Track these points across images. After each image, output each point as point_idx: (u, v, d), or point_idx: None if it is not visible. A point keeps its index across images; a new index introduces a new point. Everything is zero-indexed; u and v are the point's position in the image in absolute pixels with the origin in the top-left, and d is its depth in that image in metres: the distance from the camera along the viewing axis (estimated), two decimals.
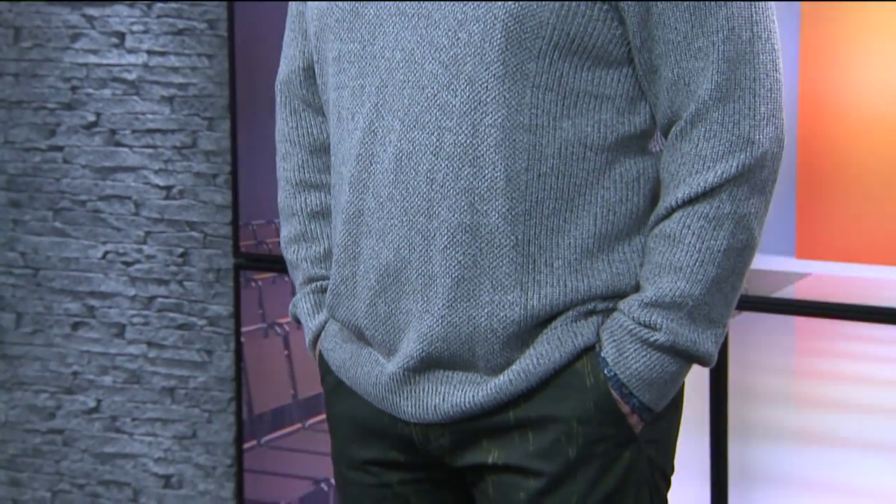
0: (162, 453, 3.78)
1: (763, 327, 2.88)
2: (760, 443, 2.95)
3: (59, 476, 3.91)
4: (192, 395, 3.73)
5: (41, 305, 3.88)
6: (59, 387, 3.89)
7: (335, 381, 1.80)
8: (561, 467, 1.64)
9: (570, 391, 1.63)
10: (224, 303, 3.65)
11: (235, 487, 3.67)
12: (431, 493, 1.76)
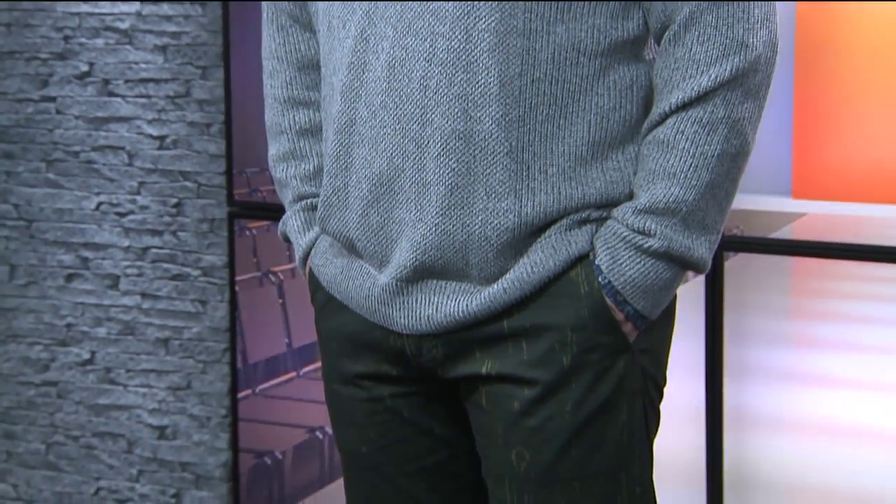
0: (156, 404, 3.78)
1: (759, 269, 2.88)
2: (756, 384, 2.95)
3: (54, 428, 3.90)
4: (187, 346, 3.72)
5: (35, 257, 3.87)
6: (53, 339, 3.88)
7: (326, 296, 1.79)
8: (555, 375, 1.63)
9: (565, 299, 1.63)
10: (218, 253, 3.64)
11: (230, 437, 3.66)
12: (424, 406, 1.75)
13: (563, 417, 1.64)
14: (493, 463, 1.69)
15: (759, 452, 2.95)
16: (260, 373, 3.55)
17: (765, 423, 2.95)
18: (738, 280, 2.93)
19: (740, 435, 2.96)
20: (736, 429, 2.96)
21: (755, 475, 2.96)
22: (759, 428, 2.95)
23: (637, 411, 1.67)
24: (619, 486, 1.67)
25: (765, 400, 2.94)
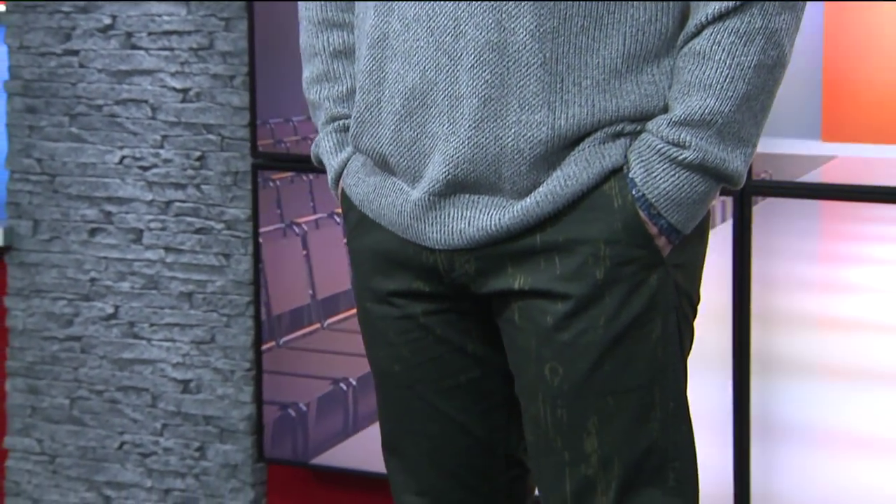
0: (180, 358, 3.78)
1: (787, 213, 2.86)
2: (783, 330, 2.93)
3: (78, 383, 3.90)
4: (210, 300, 3.72)
5: (58, 212, 3.87)
6: (77, 294, 3.88)
7: (358, 215, 1.79)
8: (588, 289, 1.62)
9: (598, 213, 1.62)
10: (242, 206, 3.63)
11: (254, 390, 3.66)
12: (457, 323, 1.75)
13: (596, 331, 1.63)
14: (527, 379, 1.69)
15: (787, 398, 2.94)
16: (284, 325, 3.55)
17: (792, 369, 2.93)
18: (766, 225, 2.91)
19: (767, 381, 2.95)
20: (763, 375, 2.95)
21: (782, 421, 2.94)
22: (786, 373, 2.94)
23: (671, 326, 1.67)
24: (652, 400, 1.67)
25: (793, 345, 2.92)
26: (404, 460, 1.84)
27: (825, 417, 2.90)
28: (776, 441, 2.97)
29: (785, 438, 2.96)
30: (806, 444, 2.94)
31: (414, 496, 1.84)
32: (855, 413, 2.87)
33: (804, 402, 2.92)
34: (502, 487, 1.85)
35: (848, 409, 2.88)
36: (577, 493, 1.69)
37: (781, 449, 2.97)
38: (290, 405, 3.57)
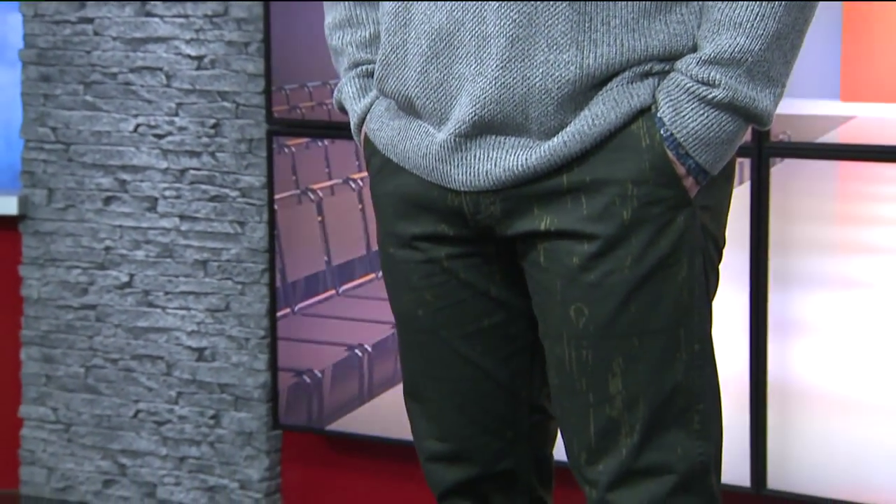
0: (195, 326, 3.78)
1: (806, 174, 2.86)
2: (801, 292, 2.93)
3: (93, 351, 3.91)
4: (225, 268, 3.72)
5: (73, 181, 3.87)
6: (92, 262, 3.88)
7: (382, 160, 1.79)
8: (615, 230, 1.62)
9: (625, 153, 1.62)
10: (257, 174, 3.63)
11: (269, 358, 3.66)
12: (480, 267, 1.75)
13: (622, 272, 1.63)
14: (551, 321, 1.69)
15: (804, 361, 2.93)
16: (299, 291, 3.55)
17: (810, 331, 2.93)
18: (784, 186, 2.91)
19: (785, 344, 2.94)
20: (780, 338, 2.94)
21: (799, 384, 2.94)
22: (804, 336, 2.93)
23: (697, 268, 1.66)
24: (677, 342, 1.67)
25: (811, 307, 2.92)
26: (426, 406, 1.84)
27: (842, 380, 2.90)
28: (793, 404, 2.97)
29: (802, 402, 2.96)
30: (823, 408, 2.93)
31: (436, 442, 1.84)
32: (873, 376, 2.87)
33: (821, 364, 2.92)
34: (524, 433, 1.85)
35: (866, 372, 2.88)
36: (602, 435, 1.69)
37: (798, 412, 2.97)
38: (305, 372, 3.57)
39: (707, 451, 1.71)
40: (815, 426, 2.94)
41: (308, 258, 3.52)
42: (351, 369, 3.51)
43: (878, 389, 2.87)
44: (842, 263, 2.86)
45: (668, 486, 1.68)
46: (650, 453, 1.68)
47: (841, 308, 2.88)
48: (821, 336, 2.92)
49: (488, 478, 1.86)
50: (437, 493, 1.89)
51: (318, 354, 3.55)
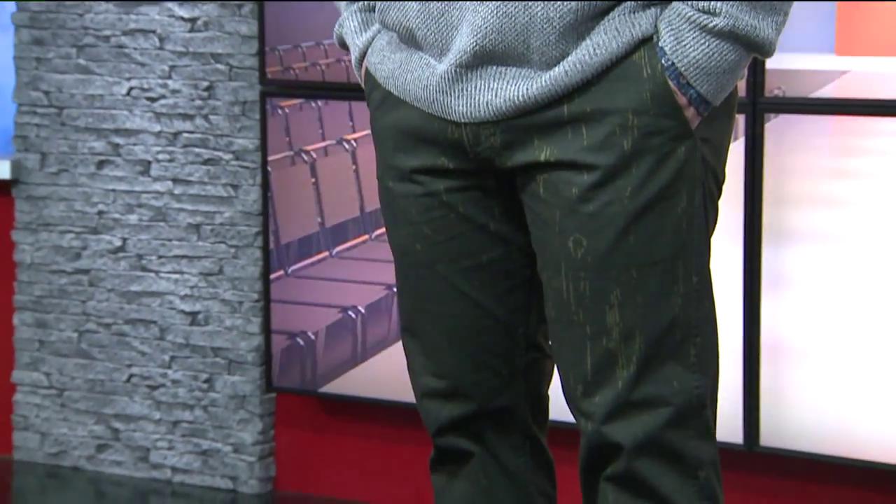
0: (188, 290, 3.78)
1: (800, 129, 2.87)
2: (795, 248, 2.94)
3: (86, 316, 3.91)
4: (219, 231, 3.72)
5: (66, 145, 3.86)
6: (85, 227, 3.88)
7: (382, 94, 1.79)
8: (615, 160, 1.63)
9: (627, 83, 1.62)
10: (250, 136, 3.63)
11: (262, 322, 3.67)
12: (480, 201, 1.75)
13: (621, 203, 1.64)
14: (550, 253, 1.70)
15: (798, 317, 2.94)
16: (292, 253, 3.55)
17: (804, 287, 2.94)
18: (778, 142, 2.92)
19: (778, 300, 2.95)
20: (774, 294, 2.95)
21: (793, 340, 2.95)
22: (798, 292, 2.94)
23: (697, 200, 1.67)
24: (676, 274, 1.67)
25: (805, 263, 2.93)
26: (423, 342, 1.85)
27: (836, 336, 2.91)
28: (786, 361, 2.98)
29: (795, 358, 2.97)
30: (816, 364, 2.95)
31: (433, 378, 1.85)
32: (866, 331, 2.88)
33: (815, 320, 2.93)
34: (521, 370, 1.86)
35: (859, 328, 2.89)
36: (598, 367, 1.69)
37: (791, 368, 2.98)
38: (298, 334, 3.58)
39: (703, 384, 1.72)
40: (809, 382, 2.95)
41: (301, 220, 3.52)
42: (344, 331, 3.51)
43: (871, 345, 2.88)
44: (836, 219, 2.87)
45: (664, 418, 1.69)
46: (646, 386, 1.69)
47: (835, 263, 2.89)
48: (814, 292, 2.93)
49: (483, 415, 1.86)
50: (433, 430, 1.89)
51: (311, 316, 3.56)
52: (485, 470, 1.89)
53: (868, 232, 2.83)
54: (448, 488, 1.92)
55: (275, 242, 3.57)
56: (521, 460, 1.91)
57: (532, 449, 1.92)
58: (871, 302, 2.87)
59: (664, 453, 1.70)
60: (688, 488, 1.72)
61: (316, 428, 3.72)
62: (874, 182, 2.81)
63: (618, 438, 1.70)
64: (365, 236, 3.44)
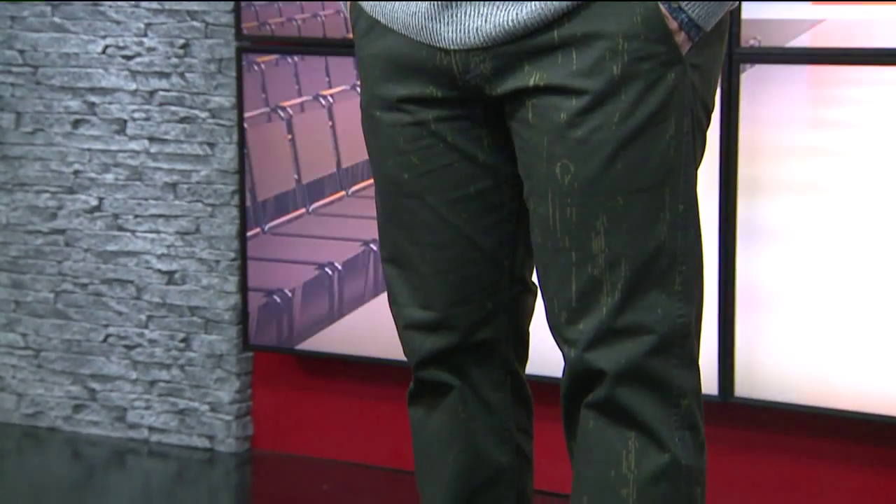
0: (165, 249, 3.78)
1: (776, 80, 2.89)
2: (770, 197, 2.97)
3: (62, 277, 3.90)
4: (195, 190, 3.72)
5: (41, 104, 3.85)
6: (61, 186, 3.87)
7: (368, 22, 1.79)
8: (604, 85, 1.64)
9: (617, 7, 1.63)
10: (226, 94, 3.63)
11: (239, 280, 3.67)
12: (468, 131, 1.76)
13: (610, 128, 1.65)
14: (537, 179, 1.71)
15: (773, 268, 2.97)
16: (269, 210, 3.55)
17: (779, 238, 2.96)
18: (754, 92, 2.94)
19: (754, 251, 2.98)
20: (749, 244, 2.98)
21: (768, 290, 2.98)
22: (773, 243, 2.97)
23: (685, 127, 1.69)
24: (662, 201, 1.69)
25: (780, 214, 2.95)
26: (409, 274, 1.85)
27: (811, 286, 2.94)
28: (761, 310, 3.01)
29: (770, 309, 3.00)
30: (792, 314, 2.97)
31: (418, 310, 1.86)
32: (841, 281, 2.91)
33: (790, 271, 2.96)
34: (505, 304, 1.87)
35: (834, 278, 2.92)
36: (583, 294, 1.70)
37: (767, 319, 3.01)
38: (275, 292, 3.59)
39: (688, 313, 1.73)
40: (784, 333, 2.98)
41: (278, 177, 3.53)
42: (321, 288, 3.52)
43: (846, 295, 2.91)
44: (812, 169, 2.89)
45: (647, 346, 1.70)
46: (630, 313, 1.70)
47: (810, 213, 2.92)
48: (790, 242, 2.95)
49: (466, 348, 1.87)
50: (414, 362, 1.90)
51: (288, 274, 3.57)
52: (464, 403, 1.90)
53: (845, 182, 2.86)
54: (425, 421, 1.93)
55: (251, 200, 3.58)
56: (501, 395, 1.92)
57: (512, 384, 1.93)
58: (847, 252, 2.90)
59: (647, 381, 1.71)
60: (669, 417, 1.73)
61: (293, 386, 3.73)
62: (851, 132, 2.84)
63: (601, 365, 1.71)
64: (342, 192, 3.45)
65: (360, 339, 3.48)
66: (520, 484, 1.96)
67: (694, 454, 1.74)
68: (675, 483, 1.72)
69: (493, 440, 1.92)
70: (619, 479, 1.72)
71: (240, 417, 3.76)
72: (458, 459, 1.91)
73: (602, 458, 1.73)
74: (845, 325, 2.92)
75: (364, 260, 3.43)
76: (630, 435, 1.72)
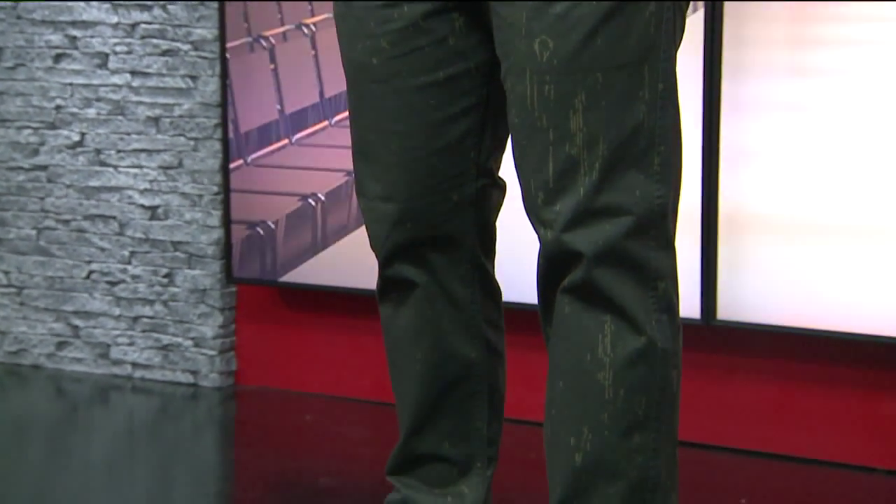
0: (147, 184, 3.77)
1: None
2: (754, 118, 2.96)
3: (44, 213, 3.89)
4: (178, 124, 3.71)
5: (22, 38, 3.83)
6: (43, 122, 3.86)
7: None
8: None
9: None
10: (208, 26, 3.61)
11: (223, 215, 3.66)
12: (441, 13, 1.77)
13: (589, 3, 1.64)
14: (515, 57, 1.70)
15: (756, 189, 2.96)
16: (252, 141, 3.54)
17: (763, 159, 2.96)
18: (737, 12, 2.93)
19: (737, 171, 2.97)
20: (733, 165, 2.97)
21: (750, 213, 2.97)
22: (756, 164, 2.96)
23: (666, 4, 1.67)
24: (641, 79, 1.68)
25: (764, 134, 2.95)
26: (374, 164, 1.85)
27: (794, 207, 2.93)
28: (744, 233, 3.00)
29: (753, 230, 2.99)
30: (774, 236, 2.97)
31: (382, 202, 1.85)
32: (824, 202, 2.91)
33: (774, 191, 2.95)
34: (470, 196, 1.86)
35: (817, 199, 2.91)
36: (560, 174, 1.69)
37: (749, 241, 3.00)
38: (258, 224, 3.58)
39: (665, 194, 1.72)
40: (767, 255, 2.98)
41: (261, 107, 3.51)
42: (305, 219, 3.51)
43: (829, 215, 2.91)
44: (796, 89, 2.89)
45: (625, 228, 1.69)
46: (608, 194, 1.69)
47: (794, 134, 2.91)
48: (774, 163, 2.95)
49: (431, 241, 1.87)
50: (381, 256, 1.90)
51: (271, 205, 3.55)
52: (431, 299, 1.90)
53: (828, 102, 2.86)
54: (394, 318, 1.93)
55: (234, 131, 3.56)
56: (468, 290, 1.92)
57: (480, 278, 1.93)
58: (831, 172, 2.90)
59: (623, 262, 1.70)
60: (646, 299, 1.72)
61: (277, 321, 3.72)
62: (835, 50, 2.83)
63: (578, 246, 1.70)
64: (325, 122, 3.44)
65: (343, 270, 3.47)
66: (491, 378, 1.95)
67: (671, 337, 1.74)
68: (651, 366, 1.71)
69: (462, 335, 1.91)
70: (596, 362, 1.71)
71: (223, 352, 3.75)
72: (427, 356, 1.91)
73: (578, 343, 1.72)
74: (829, 246, 2.91)
75: (347, 190, 3.42)
76: (606, 319, 1.71)
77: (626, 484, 1.71)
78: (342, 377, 3.62)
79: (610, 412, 1.71)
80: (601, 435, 1.71)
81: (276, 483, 2.95)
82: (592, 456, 1.71)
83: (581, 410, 1.72)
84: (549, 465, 1.77)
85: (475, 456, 1.95)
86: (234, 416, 3.69)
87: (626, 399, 1.70)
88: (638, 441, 1.71)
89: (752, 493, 2.90)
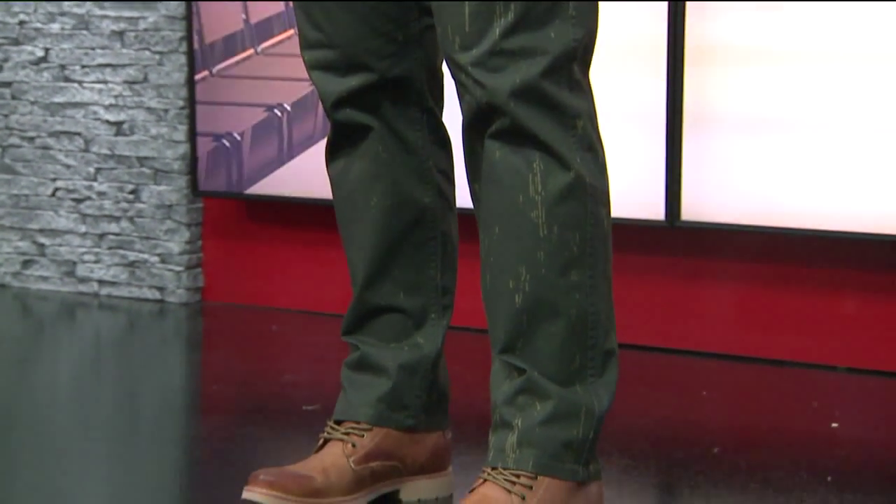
0: (112, 100, 3.75)
1: None
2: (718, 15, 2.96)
3: (9, 130, 3.87)
4: (143, 37, 3.69)
5: None
6: (6, 38, 3.83)
7: None
8: None
9: None
10: None
11: (188, 129, 3.65)
12: None
13: None
14: None
15: (721, 88, 2.97)
16: (217, 52, 3.52)
17: (727, 57, 2.96)
18: None
19: (701, 71, 2.97)
20: (697, 64, 2.97)
21: (714, 111, 2.97)
22: (721, 62, 2.97)
23: None
24: None
25: (728, 32, 2.95)
26: (313, 10, 1.87)
27: (759, 105, 2.94)
28: (708, 131, 3.01)
29: (717, 130, 3.00)
30: (737, 135, 2.97)
31: (326, 50, 1.88)
32: (788, 101, 2.91)
33: (738, 90, 2.96)
34: (415, 37, 1.89)
35: (782, 97, 2.92)
36: (475, 16, 1.70)
37: (713, 141, 3.01)
38: (224, 136, 3.56)
39: (580, 37, 1.73)
40: (729, 154, 2.98)
41: (226, 17, 3.50)
42: (270, 130, 3.50)
43: (793, 114, 2.91)
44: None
45: (541, 66, 1.70)
46: (523, 35, 1.70)
47: (760, 32, 2.91)
48: (738, 62, 2.95)
49: (380, 85, 1.89)
50: (329, 104, 1.91)
51: (237, 117, 3.54)
52: (383, 143, 1.92)
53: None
54: (347, 169, 1.94)
55: (199, 42, 3.54)
56: (419, 134, 1.94)
57: (429, 123, 1.95)
58: (795, 71, 2.90)
59: (542, 101, 1.71)
60: (568, 138, 1.73)
61: (243, 235, 3.71)
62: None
63: (496, 85, 1.70)
64: (290, 31, 3.42)
65: (309, 180, 3.46)
66: (444, 226, 1.97)
67: (597, 174, 1.76)
68: (581, 200, 1.74)
69: (415, 180, 1.94)
70: (528, 202, 1.73)
71: (190, 268, 3.75)
72: (382, 200, 1.93)
73: (511, 185, 1.74)
74: (793, 145, 2.92)
75: (313, 99, 3.42)
76: (534, 157, 1.73)
77: (567, 321, 1.73)
78: (309, 291, 3.62)
79: (546, 250, 1.73)
80: (539, 274, 1.73)
81: (242, 381, 2.95)
82: (532, 296, 1.74)
83: (517, 250, 1.74)
84: (489, 316, 1.78)
85: (429, 306, 1.96)
86: (202, 330, 3.69)
87: (560, 235, 1.73)
88: (575, 278, 1.73)
89: (714, 390, 2.92)
